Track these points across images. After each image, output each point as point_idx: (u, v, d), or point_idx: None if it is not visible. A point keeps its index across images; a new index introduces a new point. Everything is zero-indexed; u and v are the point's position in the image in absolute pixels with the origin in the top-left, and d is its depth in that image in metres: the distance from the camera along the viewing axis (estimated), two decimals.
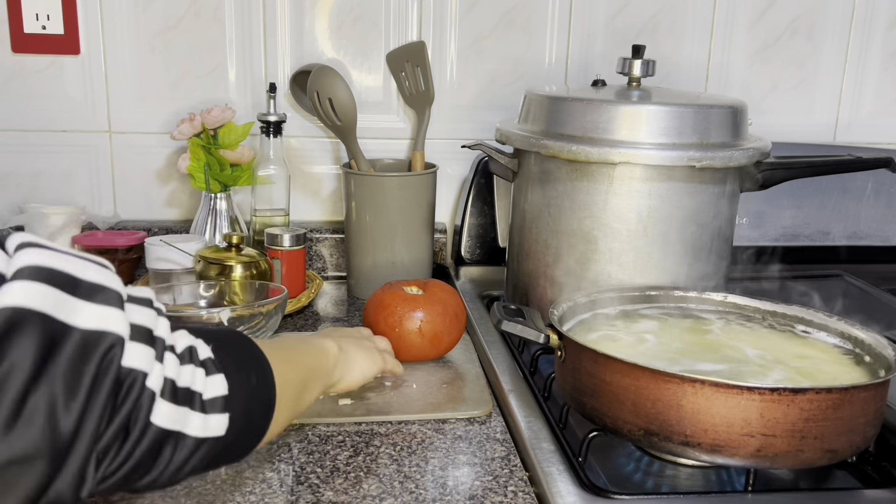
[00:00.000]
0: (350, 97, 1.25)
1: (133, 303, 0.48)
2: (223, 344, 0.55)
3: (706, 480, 0.78)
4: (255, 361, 0.59)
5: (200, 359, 0.51)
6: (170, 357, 0.48)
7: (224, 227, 1.29)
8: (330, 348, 0.77)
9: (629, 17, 1.40)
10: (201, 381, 0.50)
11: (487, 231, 1.37)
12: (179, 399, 0.48)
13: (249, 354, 0.59)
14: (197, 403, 0.50)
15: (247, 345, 0.60)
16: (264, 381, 0.58)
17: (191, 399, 0.49)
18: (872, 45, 1.46)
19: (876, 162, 1.06)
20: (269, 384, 0.59)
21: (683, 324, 0.93)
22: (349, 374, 0.79)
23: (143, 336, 0.47)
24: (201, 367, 0.51)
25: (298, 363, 0.70)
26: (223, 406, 0.51)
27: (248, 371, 0.56)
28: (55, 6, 1.30)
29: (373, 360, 0.83)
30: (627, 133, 0.99)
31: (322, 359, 0.75)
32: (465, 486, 0.75)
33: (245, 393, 0.55)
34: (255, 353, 0.59)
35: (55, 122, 1.35)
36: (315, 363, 0.74)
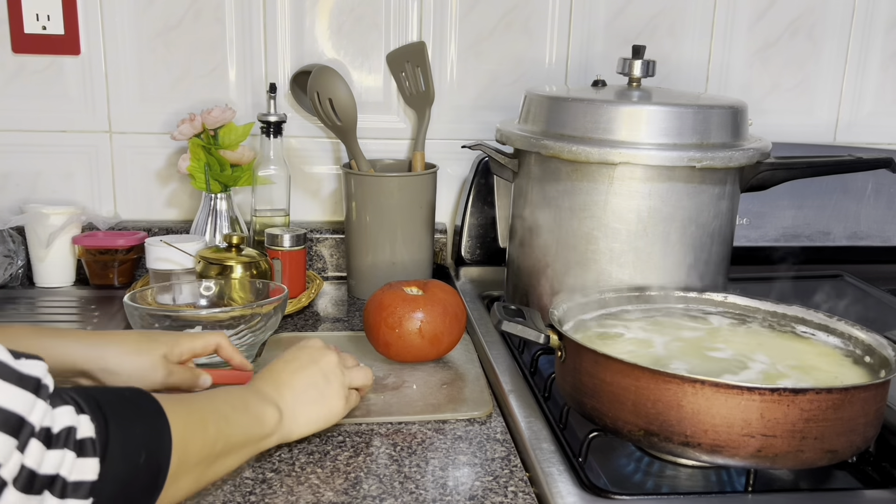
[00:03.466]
0: (350, 97, 1.25)
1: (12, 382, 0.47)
2: (120, 418, 0.54)
3: (706, 481, 0.78)
4: (152, 437, 0.57)
5: (78, 438, 0.50)
6: (34, 445, 0.47)
7: (224, 227, 1.29)
8: (268, 418, 0.72)
9: (629, 17, 1.40)
10: (69, 466, 0.49)
11: (487, 231, 1.37)
12: (35, 488, 0.48)
13: (148, 427, 0.57)
14: (57, 488, 0.49)
15: (149, 414, 0.58)
16: (155, 460, 0.56)
17: (50, 484, 0.48)
18: (872, 46, 1.46)
19: (876, 162, 1.06)
20: (161, 464, 0.57)
21: (684, 324, 0.93)
22: (293, 435, 0.76)
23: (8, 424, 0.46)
24: (73, 451, 0.50)
25: (218, 434, 0.65)
26: (87, 492, 0.50)
27: (138, 450, 0.55)
28: (55, 6, 1.30)
29: (328, 414, 0.78)
30: (627, 133, 0.99)
31: (253, 429, 0.70)
32: (465, 487, 0.75)
33: (123, 476, 0.53)
34: (155, 428, 0.57)
35: (55, 122, 1.35)
36: (242, 435, 0.69)
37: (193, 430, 0.62)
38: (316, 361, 0.79)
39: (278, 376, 0.77)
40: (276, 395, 0.75)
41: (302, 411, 0.76)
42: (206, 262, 1.12)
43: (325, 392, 0.79)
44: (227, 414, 0.68)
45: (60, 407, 0.50)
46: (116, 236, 1.28)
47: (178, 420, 0.59)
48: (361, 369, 0.85)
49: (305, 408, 0.77)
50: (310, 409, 0.77)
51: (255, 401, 0.72)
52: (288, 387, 0.76)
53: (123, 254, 1.26)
